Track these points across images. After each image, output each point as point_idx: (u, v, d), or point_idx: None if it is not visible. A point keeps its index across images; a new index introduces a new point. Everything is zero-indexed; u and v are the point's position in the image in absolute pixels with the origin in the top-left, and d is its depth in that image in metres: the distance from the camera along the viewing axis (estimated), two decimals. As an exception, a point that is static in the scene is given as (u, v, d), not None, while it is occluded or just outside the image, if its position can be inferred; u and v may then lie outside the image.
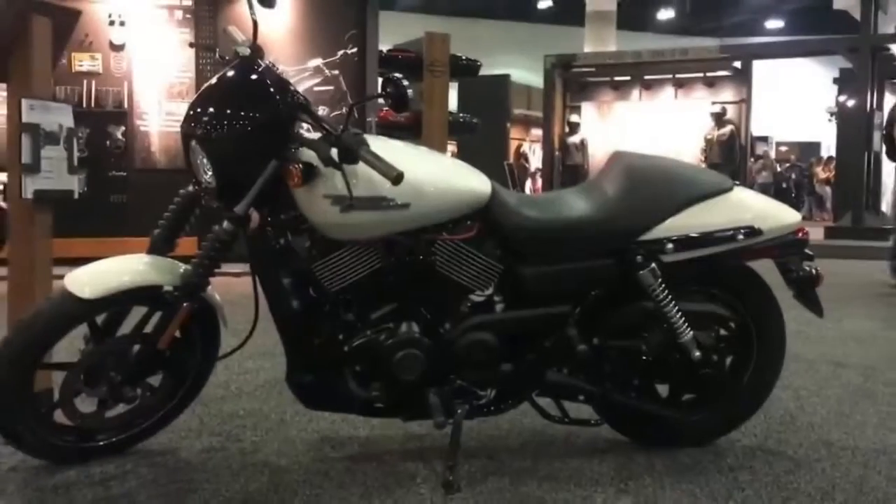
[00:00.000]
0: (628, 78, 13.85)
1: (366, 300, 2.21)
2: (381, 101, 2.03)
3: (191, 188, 2.24)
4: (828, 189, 17.63)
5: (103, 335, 2.24)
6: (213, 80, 2.18)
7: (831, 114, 14.97)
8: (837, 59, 12.97)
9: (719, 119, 12.28)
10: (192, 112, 2.13)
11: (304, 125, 2.15)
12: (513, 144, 16.92)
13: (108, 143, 7.09)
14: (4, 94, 2.58)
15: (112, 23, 7.09)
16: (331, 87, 7.52)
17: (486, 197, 2.21)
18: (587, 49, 17.12)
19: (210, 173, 2.09)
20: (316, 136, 2.07)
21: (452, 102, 10.60)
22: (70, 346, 2.31)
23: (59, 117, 2.52)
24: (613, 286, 2.32)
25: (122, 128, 7.11)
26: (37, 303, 2.36)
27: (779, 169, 19.34)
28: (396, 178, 1.89)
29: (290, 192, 2.09)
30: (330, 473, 2.26)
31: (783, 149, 22.71)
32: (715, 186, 2.37)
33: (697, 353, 2.33)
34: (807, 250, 2.40)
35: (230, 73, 2.15)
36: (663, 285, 2.28)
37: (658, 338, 2.34)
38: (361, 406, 2.25)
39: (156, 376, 2.33)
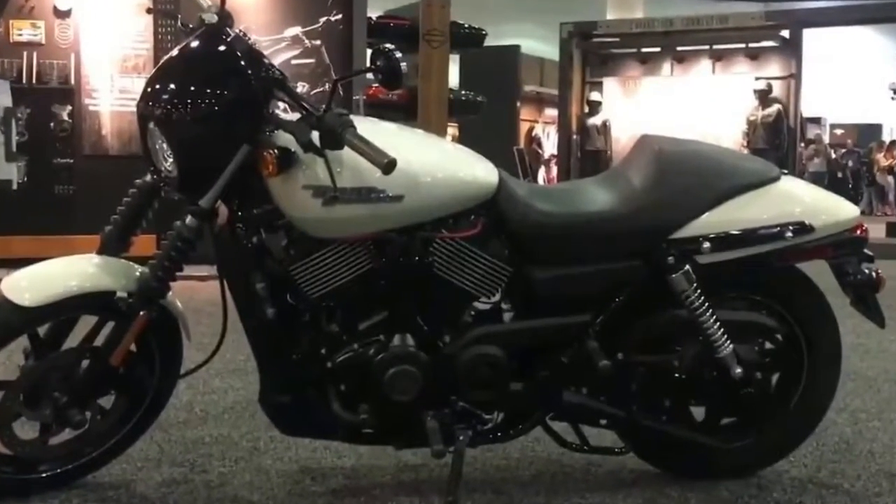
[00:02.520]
0: (658, 49, 13.85)
1: (352, 308, 2.22)
2: (370, 76, 2.03)
3: (148, 178, 2.24)
4: (890, 179, 17.63)
5: (46, 349, 2.24)
6: (175, 53, 2.18)
7: (895, 91, 14.96)
8: (902, 27, 12.97)
9: (764, 97, 12.28)
10: (149, 89, 2.13)
11: (281, 104, 2.15)
12: (523, 127, 16.93)
13: (51, 125, 7.08)
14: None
15: (57, -15, 7.09)
16: (311, 60, 7.52)
17: (493, 188, 2.22)
18: (610, 16, 17.12)
19: (171, 160, 2.10)
20: (294, 117, 2.07)
21: (453, 78, 10.61)
22: (8, 362, 2.31)
23: (-5, 95, 2.52)
24: (640, 292, 2.32)
25: (69, 107, 7.10)
26: (-31, 311, 2.36)
27: (833, 155, 19.34)
28: (388, 165, 1.89)
29: (264, 182, 2.09)
30: (310, 510, 2.26)
31: (839, 132, 22.70)
32: (759, 176, 2.38)
33: (738, 370, 2.33)
34: (866, 250, 2.40)
35: (194, 44, 2.15)
36: (698, 291, 2.28)
37: (692, 352, 2.34)
38: (347, 431, 2.26)
39: (107, 397, 2.32)
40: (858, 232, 2.40)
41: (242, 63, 2.08)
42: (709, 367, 2.35)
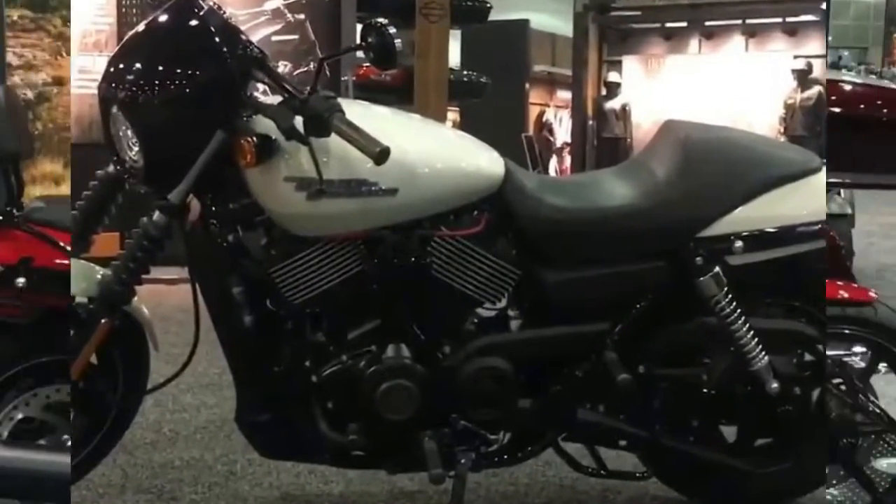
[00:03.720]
0: (684, 24, 13.85)
1: (340, 315, 2.22)
2: (360, 54, 2.03)
3: (111, 169, 2.25)
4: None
5: (-3, 361, 2.24)
6: (141, 28, 2.18)
7: (949, 71, 15.00)
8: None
9: (804, 78, 12.29)
10: (112, 69, 2.13)
11: (260, 86, 2.15)
12: (533, 111, 16.94)
13: (3, 109, 7.09)
14: None
15: (8, -48, 7.10)
16: (294, 37, 7.52)
17: (498, 180, 2.22)
18: (630, -13, 17.17)
19: (136, 149, 2.10)
20: (275, 100, 2.07)
21: (454, 57, 10.61)
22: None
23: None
24: (665, 297, 2.33)
25: (22, 89, 7.12)
26: None
27: (881, 143, 19.38)
28: (380, 155, 1.89)
29: (242, 173, 2.09)
30: (293, 542, 2.27)
31: (886, 117, 22.76)
32: (798, 166, 2.38)
33: (774, 385, 2.33)
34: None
35: (162, 19, 2.16)
36: (730, 296, 2.28)
37: (723, 365, 2.35)
38: (334, 454, 2.26)
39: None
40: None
41: (217, 39, 2.08)
42: (741, 382, 2.35)
